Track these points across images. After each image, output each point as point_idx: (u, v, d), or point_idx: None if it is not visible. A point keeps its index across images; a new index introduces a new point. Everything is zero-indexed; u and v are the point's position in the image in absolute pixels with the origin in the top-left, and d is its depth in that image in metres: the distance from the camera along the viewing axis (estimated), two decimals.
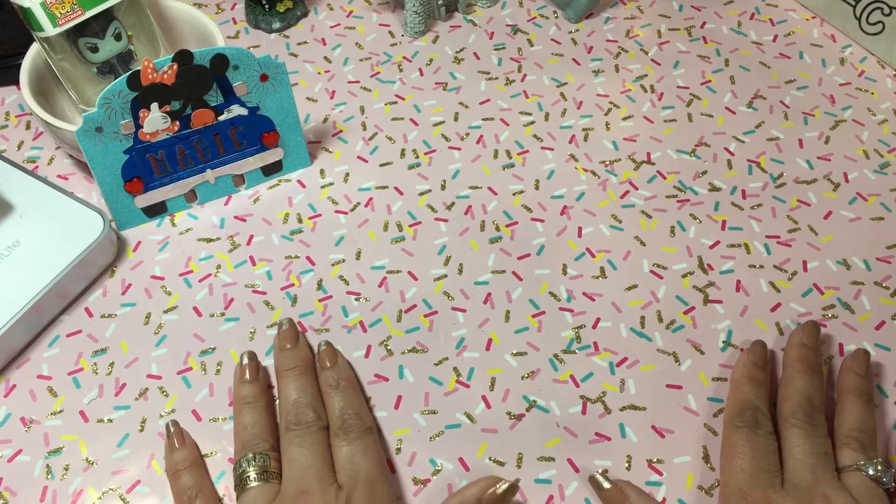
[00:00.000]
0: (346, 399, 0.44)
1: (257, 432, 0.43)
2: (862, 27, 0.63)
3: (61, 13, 0.49)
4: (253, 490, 0.41)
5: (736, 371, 0.46)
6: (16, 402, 0.47)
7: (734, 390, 0.45)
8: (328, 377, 0.45)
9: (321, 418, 0.43)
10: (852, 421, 0.43)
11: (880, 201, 0.55)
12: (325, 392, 0.45)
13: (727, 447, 0.43)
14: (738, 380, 0.46)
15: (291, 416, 0.43)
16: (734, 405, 0.44)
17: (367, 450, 0.42)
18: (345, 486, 0.40)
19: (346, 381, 0.45)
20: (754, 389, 0.45)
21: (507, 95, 0.60)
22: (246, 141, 0.53)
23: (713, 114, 0.60)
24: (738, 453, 0.42)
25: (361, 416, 0.44)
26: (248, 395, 0.45)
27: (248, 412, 0.44)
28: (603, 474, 0.43)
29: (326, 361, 0.46)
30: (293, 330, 0.47)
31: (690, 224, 0.54)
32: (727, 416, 0.44)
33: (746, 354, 0.47)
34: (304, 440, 0.42)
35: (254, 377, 0.46)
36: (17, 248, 0.49)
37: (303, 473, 0.41)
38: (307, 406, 0.43)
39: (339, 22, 0.65)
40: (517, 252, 0.52)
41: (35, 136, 0.58)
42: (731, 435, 0.43)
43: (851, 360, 0.46)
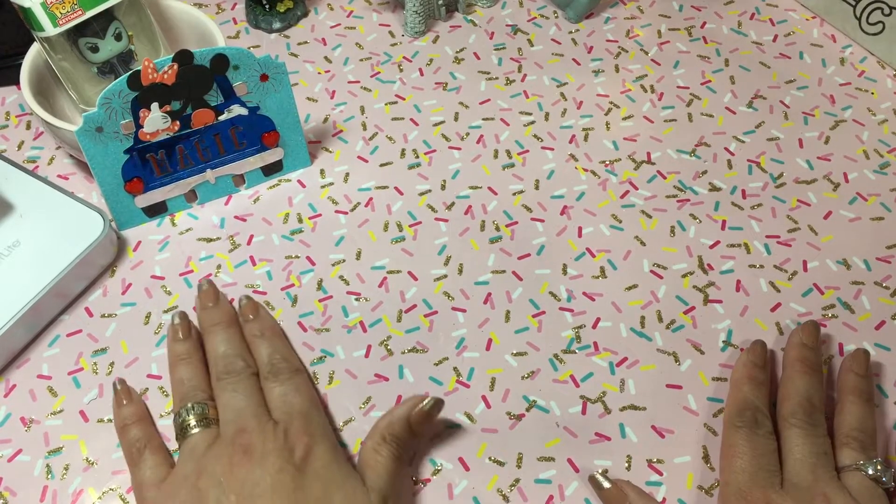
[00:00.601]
0: (273, 346, 0.46)
1: (194, 384, 0.44)
2: (862, 27, 0.63)
3: (61, 13, 0.49)
4: (194, 436, 0.42)
5: (736, 371, 0.46)
6: (16, 402, 0.47)
7: (734, 390, 0.45)
8: (252, 328, 0.47)
9: (250, 366, 0.45)
10: (852, 421, 0.43)
11: (880, 201, 0.55)
12: (251, 342, 0.46)
13: (727, 447, 0.43)
14: (738, 380, 0.46)
15: (221, 367, 0.44)
16: (734, 405, 0.44)
17: (300, 388, 0.44)
18: (281, 422, 0.42)
19: (270, 331, 0.47)
20: (754, 389, 0.45)
21: (507, 95, 0.61)
22: (246, 141, 0.53)
23: (713, 114, 0.60)
24: (737, 453, 0.42)
25: (289, 360, 0.45)
26: (182, 351, 0.46)
27: (184, 367, 0.45)
28: (603, 474, 0.43)
29: (249, 315, 0.48)
30: (213, 289, 0.49)
31: (690, 224, 0.54)
32: (727, 416, 0.44)
33: (746, 354, 0.47)
34: (236, 386, 0.43)
35: (186, 335, 0.47)
36: (17, 248, 0.49)
37: (238, 415, 0.42)
38: (235, 356, 0.45)
39: (340, 22, 0.65)
40: (517, 252, 0.52)
41: (35, 136, 0.58)
42: (730, 435, 0.43)
43: (851, 360, 0.46)
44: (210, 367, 0.45)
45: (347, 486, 0.40)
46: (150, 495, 0.41)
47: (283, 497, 0.39)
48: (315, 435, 0.42)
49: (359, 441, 0.45)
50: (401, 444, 0.43)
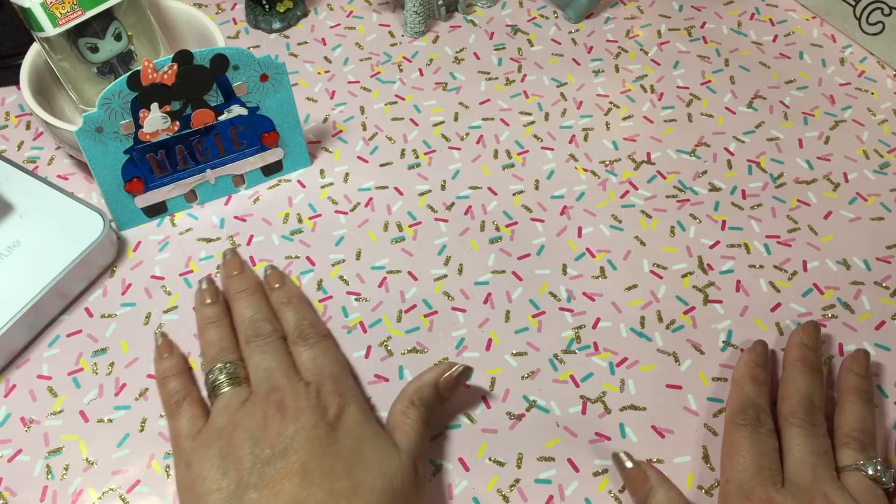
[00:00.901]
0: (299, 312, 0.47)
1: (224, 346, 0.45)
2: (862, 27, 0.63)
3: (61, 13, 0.49)
4: (226, 394, 0.43)
5: (737, 370, 0.46)
6: (16, 402, 0.47)
7: (735, 389, 0.45)
8: (279, 296, 0.48)
9: (277, 330, 0.46)
10: (852, 421, 0.44)
11: (880, 201, 0.55)
12: (277, 310, 0.47)
13: (728, 445, 0.43)
14: (739, 378, 0.46)
15: (249, 331, 0.45)
16: (736, 403, 0.44)
17: (328, 351, 0.45)
18: (312, 383, 0.43)
19: (296, 298, 0.48)
20: (756, 388, 0.45)
21: (507, 95, 0.61)
22: (246, 141, 0.53)
23: (713, 114, 0.60)
24: (739, 451, 0.42)
25: (316, 326, 0.47)
26: (211, 314, 0.47)
27: (213, 329, 0.46)
28: (626, 453, 0.43)
29: (275, 283, 0.49)
30: (237, 258, 0.50)
31: (690, 224, 0.54)
32: (729, 415, 0.44)
33: (748, 354, 0.47)
34: (265, 348, 0.44)
35: (214, 299, 0.48)
36: (17, 248, 0.49)
37: (269, 374, 0.43)
38: (263, 320, 0.46)
39: (339, 22, 0.65)
40: (517, 252, 0.52)
41: (35, 136, 0.58)
42: (732, 433, 0.43)
43: (851, 361, 0.46)
44: (238, 332, 0.46)
45: (379, 444, 0.41)
46: (187, 446, 0.42)
47: (316, 451, 0.39)
48: (346, 395, 0.43)
49: None
50: (429, 407, 0.43)
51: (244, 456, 0.40)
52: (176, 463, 0.42)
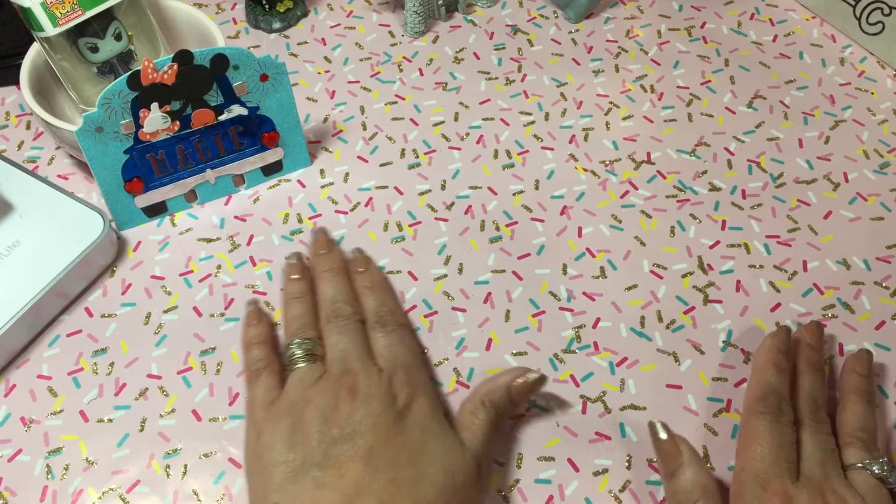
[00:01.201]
0: (380, 298, 0.47)
1: (305, 322, 0.46)
2: (862, 27, 0.63)
3: (61, 13, 0.49)
4: (301, 369, 0.43)
5: (760, 355, 0.46)
6: (16, 402, 0.47)
7: (757, 374, 0.45)
8: (362, 279, 0.49)
9: (357, 312, 0.46)
10: (855, 420, 0.43)
11: (880, 201, 0.55)
12: (360, 293, 0.48)
13: (747, 432, 0.42)
14: (762, 364, 0.45)
15: (330, 310, 0.46)
16: (758, 389, 0.44)
17: (404, 340, 0.45)
18: (385, 370, 0.43)
19: (379, 284, 0.49)
20: (778, 375, 0.44)
21: (507, 95, 0.61)
22: (246, 141, 0.53)
23: (713, 114, 0.60)
24: (758, 440, 0.41)
25: (395, 313, 0.47)
26: (296, 290, 0.48)
27: (297, 304, 0.47)
28: (663, 423, 0.43)
29: (359, 267, 0.49)
30: (326, 237, 0.51)
31: (690, 224, 0.54)
32: (749, 401, 0.44)
33: (771, 339, 0.46)
34: (343, 329, 0.45)
35: (301, 275, 0.49)
36: (17, 248, 0.49)
37: (345, 355, 0.43)
38: (344, 301, 0.46)
39: (339, 22, 0.65)
40: (517, 252, 0.52)
41: (35, 136, 0.58)
42: (752, 420, 0.42)
43: (854, 361, 0.46)
44: (320, 310, 0.47)
45: (445, 439, 0.41)
46: (259, 414, 0.43)
47: (382, 438, 0.40)
48: (418, 386, 0.43)
49: None
50: (499, 411, 0.43)
51: (312, 433, 0.40)
52: (247, 429, 0.43)
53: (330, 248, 0.50)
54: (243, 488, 0.44)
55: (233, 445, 0.45)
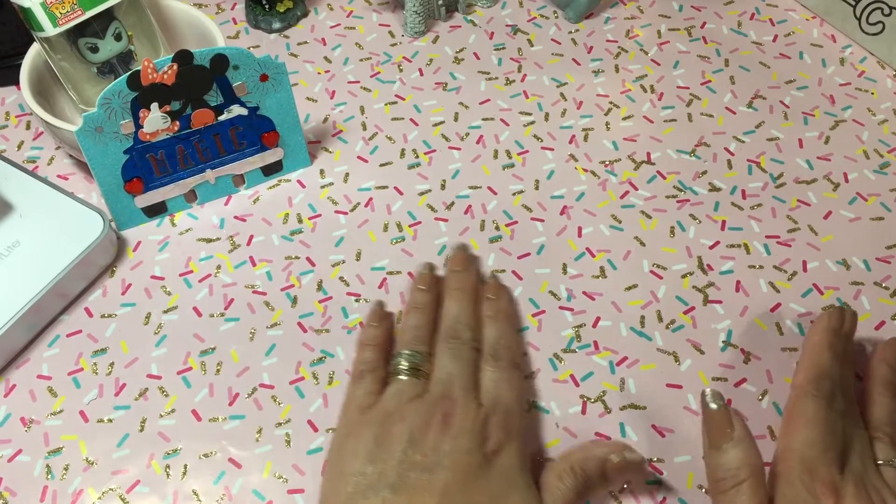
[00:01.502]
0: (502, 330, 0.46)
1: (420, 335, 0.45)
2: (862, 27, 0.63)
3: (61, 13, 0.49)
4: (403, 381, 0.43)
5: (815, 333, 0.44)
6: (16, 402, 0.47)
7: (813, 354, 0.43)
8: (489, 307, 0.47)
9: (476, 339, 0.45)
10: (882, 415, 0.42)
11: (880, 201, 0.55)
12: (483, 320, 0.47)
13: (798, 414, 0.41)
14: (817, 344, 0.43)
15: (449, 329, 0.45)
16: (812, 370, 0.42)
17: (512, 382, 0.44)
18: (485, 407, 0.42)
19: (505, 315, 0.47)
20: (832, 359, 0.43)
21: (507, 95, 0.61)
22: (246, 141, 0.53)
23: (713, 114, 0.60)
24: (810, 423, 0.40)
25: (513, 351, 0.45)
26: (420, 301, 0.47)
27: (416, 315, 0.46)
28: (717, 392, 0.41)
29: (490, 293, 0.48)
30: (465, 255, 0.50)
31: (690, 224, 0.54)
32: (801, 380, 0.42)
33: (828, 319, 0.45)
34: (456, 353, 0.44)
35: (428, 287, 0.48)
36: (17, 248, 0.49)
37: (449, 380, 0.42)
38: (465, 325, 0.45)
39: (339, 22, 0.65)
40: (517, 252, 0.52)
41: (35, 136, 0.58)
42: (805, 401, 0.41)
43: (885, 350, 0.45)
44: (440, 326, 0.46)
45: (526, 496, 0.39)
46: (352, 415, 0.42)
47: (463, 477, 0.39)
48: (512, 433, 0.41)
49: None
50: (588, 482, 0.41)
51: (395, 452, 0.39)
52: (338, 427, 0.43)
53: (466, 267, 0.49)
54: (243, 488, 0.44)
55: (233, 445, 0.45)
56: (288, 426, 0.46)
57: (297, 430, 0.46)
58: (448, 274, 0.49)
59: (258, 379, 0.47)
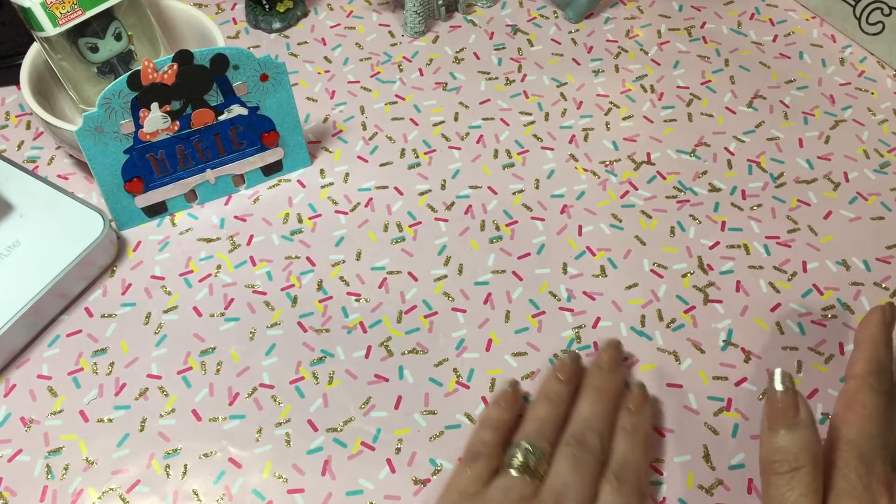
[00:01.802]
0: (635, 451, 0.42)
1: (545, 429, 0.42)
2: (862, 27, 0.63)
3: (61, 13, 0.49)
4: (512, 479, 0.40)
5: (870, 326, 0.43)
6: (16, 402, 0.47)
7: (872, 346, 0.42)
8: (627, 419, 0.43)
9: (604, 451, 0.41)
10: None
11: (880, 201, 0.55)
12: (617, 432, 0.43)
13: (857, 405, 0.40)
14: (874, 335, 0.42)
15: (577, 434, 0.41)
16: (872, 363, 0.41)
17: None
18: None
19: (643, 435, 0.43)
20: (889, 354, 0.41)
21: (507, 95, 0.61)
22: (246, 141, 0.53)
23: (713, 114, 0.60)
24: (870, 417, 0.39)
25: (640, 476, 0.42)
26: (554, 392, 0.44)
27: (546, 407, 0.43)
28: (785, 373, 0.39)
29: (633, 405, 0.44)
30: (616, 356, 0.46)
31: (690, 225, 0.54)
32: (861, 371, 0.41)
33: (882, 313, 0.43)
34: (578, 461, 0.40)
35: (567, 377, 0.44)
36: (17, 248, 0.49)
37: (564, 490, 0.39)
38: (596, 432, 0.42)
39: (339, 22, 0.65)
40: (517, 252, 0.52)
41: (35, 136, 0.58)
42: (864, 393, 0.40)
43: None
44: (568, 424, 0.42)
45: None
46: (453, 498, 0.40)
47: None
48: None
49: (359, 441, 0.45)
50: None
51: None
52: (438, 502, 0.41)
53: (613, 369, 0.45)
54: (243, 488, 0.44)
55: (233, 445, 0.45)
56: (288, 426, 0.46)
57: (297, 429, 0.46)
58: (591, 369, 0.45)
59: (258, 379, 0.47)
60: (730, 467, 0.44)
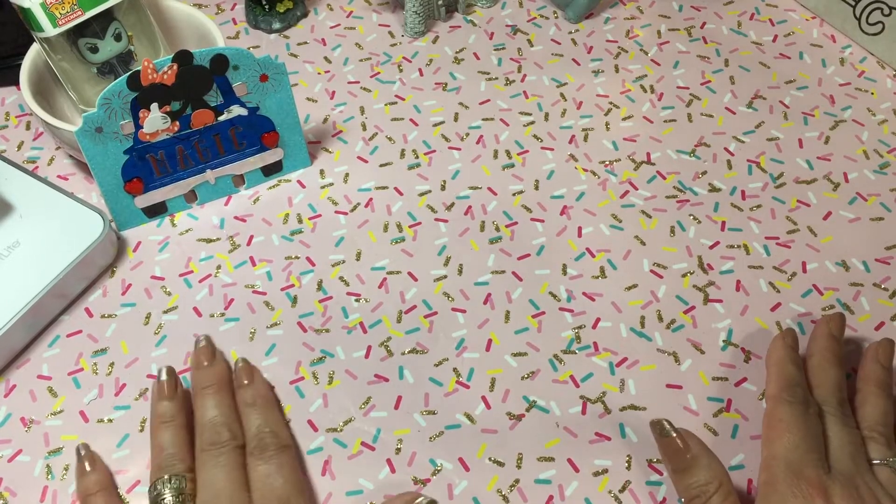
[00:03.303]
0: (264, 416, 0.44)
1: (173, 452, 0.42)
2: (862, 27, 0.63)
3: (61, 13, 0.49)
4: None
5: (775, 352, 0.46)
6: (16, 402, 0.47)
7: (778, 367, 0.45)
8: (245, 395, 0.45)
9: (236, 437, 0.43)
10: (876, 414, 0.43)
11: (880, 201, 0.55)
12: (241, 411, 0.44)
13: (776, 421, 0.42)
14: (780, 360, 0.45)
15: (206, 436, 0.43)
16: (782, 380, 0.43)
17: (283, 468, 0.42)
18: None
19: (263, 399, 0.45)
20: (797, 370, 0.44)
21: (507, 95, 0.61)
22: (246, 141, 0.53)
23: (713, 114, 0.60)
24: (789, 429, 0.41)
25: (278, 434, 0.43)
26: (166, 412, 0.44)
27: (165, 431, 0.43)
28: (667, 421, 0.42)
29: (244, 379, 0.46)
30: (209, 347, 0.47)
31: (690, 225, 0.54)
32: (773, 391, 0.43)
33: (782, 338, 0.46)
34: (217, 461, 0.42)
35: (171, 394, 0.45)
36: (17, 248, 0.49)
37: (216, 496, 0.40)
38: (222, 425, 0.43)
39: (339, 22, 0.65)
40: (517, 252, 0.52)
41: (35, 137, 0.58)
42: (780, 409, 0.42)
43: (877, 350, 0.46)
44: (196, 433, 0.44)
45: None
46: None
47: None
48: None
49: (359, 441, 0.45)
50: None
51: None
52: None
53: (212, 359, 0.46)
54: None
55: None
56: None
57: (296, 429, 0.46)
58: (195, 373, 0.46)
59: None
60: (730, 468, 0.44)
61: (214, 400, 0.44)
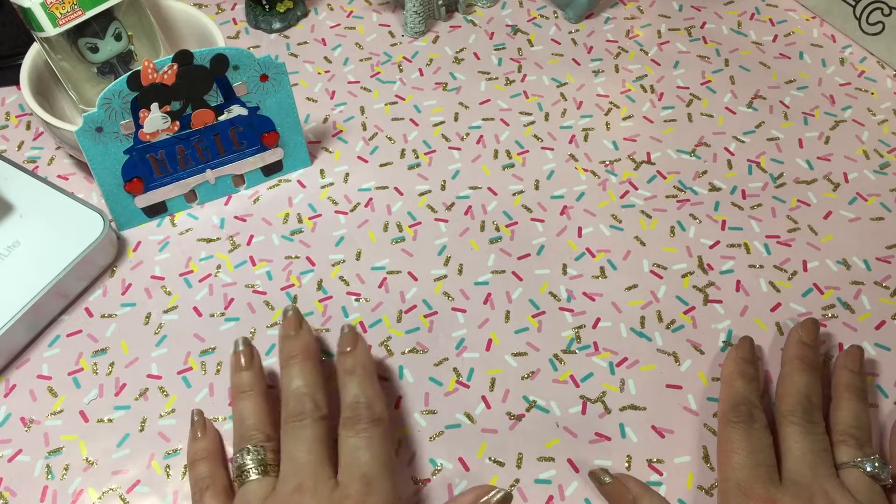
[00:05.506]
0: (361, 387, 0.43)
1: (253, 423, 0.42)
2: (862, 27, 0.63)
3: (61, 13, 0.49)
4: (252, 483, 0.40)
5: (726, 367, 0.46)
6: (16, 402, 0.47)
7: (726, 386, 0.46)
8: (345, 362, 0.44)
9: (320, 408, 0.42)
10: (848, 418, 0.44)
11: (880, 201, 0.55)
12: (340, 378, 0.44)
13: (723, 443, 0.43)
14: (728, 376, 0.46)
15: (291, 406, 0.42)
16: (728, 401, 0.44)
17: (373, 443, 0.41)
18: (342, 484, 0.39)
19: (363, 369, 0.44)
20: (746, 384, 0.45)
21: (507, 95, 0.61)
22: (246, 141, 0.53)
23: (713, 114, 0.60)
24: (735, 449, 0.42)
25: (373, 407, 0.42)
26: (244, 383, 0.44)
27: (244, 402, 0.43)
28: (603, 469, 0.43)
29: (347, 346, 0.44)
30: (297, 317, 0.46)
31: (690, 224, 0.54)
32: (721, 413, 0.44)
33: (735, 350, 0.47)
34: (301, 433, 0.41)
35: (248, 364, 0.45)
36: (17, 248, 0.49)
37: (298, 469, 0.40)
38: (306, 395, 0.42)
39: (339, 22, 0.65)
40: (517, 252, 0.52)
41: (35, 136, 0.58)
42: (726, 431, 0.43)
43: (845, 357, 0.46)
44: (282, 403, 0.43)
45: None
46: None
47: None
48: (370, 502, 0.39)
49: None
50: None
51: None
52: None
53: (298, 329, 0.45)
54: None
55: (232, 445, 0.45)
56: None
57: None
58: (282, 342, 0.45)
59: None
60: None
61: (299, 368, 0.43)
